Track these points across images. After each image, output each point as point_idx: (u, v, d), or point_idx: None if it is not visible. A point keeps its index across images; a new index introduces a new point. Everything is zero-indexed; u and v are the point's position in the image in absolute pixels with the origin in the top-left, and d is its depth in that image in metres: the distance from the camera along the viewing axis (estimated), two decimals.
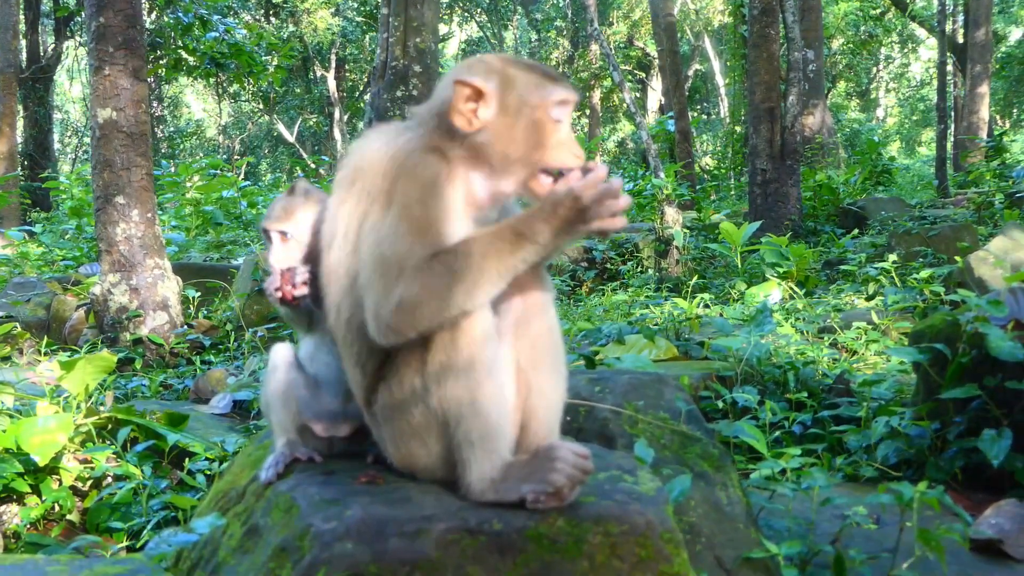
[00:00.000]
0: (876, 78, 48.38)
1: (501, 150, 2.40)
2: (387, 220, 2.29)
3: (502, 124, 2.40)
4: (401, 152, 2.35)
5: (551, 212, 2.22)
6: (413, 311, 2.22)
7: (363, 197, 2.37)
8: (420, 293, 2.20)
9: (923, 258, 10.34)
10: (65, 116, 45.75)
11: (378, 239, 2.29)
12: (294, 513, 2.34)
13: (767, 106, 14.55)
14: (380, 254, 2.27)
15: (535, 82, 2.43)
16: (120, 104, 8.59)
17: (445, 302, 2.21)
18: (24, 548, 4.16)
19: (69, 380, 5.01)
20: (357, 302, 2.39)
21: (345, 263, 2.41)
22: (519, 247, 2.22)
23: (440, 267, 2.20)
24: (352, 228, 2.40)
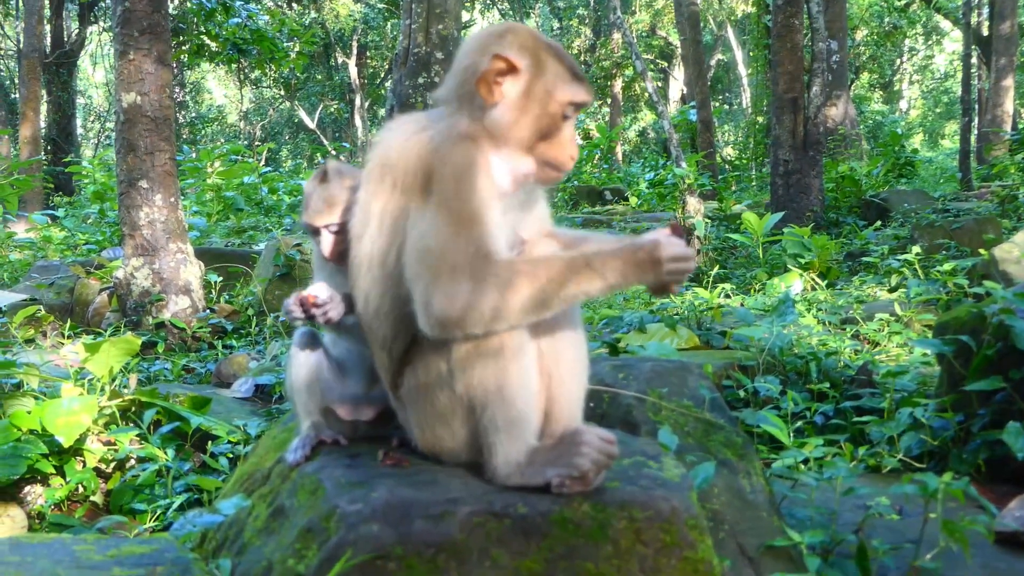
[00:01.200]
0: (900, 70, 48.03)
1: (512, 129, 2.41)
2: (428, 214, 2.29)
3: (520, 105, 2.41)
4: (431, 144, 2.35)
5: (630, 257, 2.28)
6: (469, 316, 2.23)
7: (395, 192, 2.37)
8: (479, 301, 2.22)
9: (946, 251, 10.28)
10: (88, 101, 45.97)
11: (421, 234, 2.29)
12: (320, 495, 2.35)
13: (790, 96, 14.47)
14: (427, 249, 2.27)
15: (562, 76, 2.44)
16: (144, 89, 8.61)
17: (501, 316, 2.24)
18: (48, 528, 4.19)
19: (93, 362, 5.04)
20: (385, 291, 2.42)
21: (378, 256, 2.42)
22: (587, 281, 2.27)
23: (501, 280, 2.22)
24: (386, 223, 2.39)
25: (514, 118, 2.40)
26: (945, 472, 2.93)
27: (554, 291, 2.24)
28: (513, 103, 2.40)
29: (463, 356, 2.30)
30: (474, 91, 2.41)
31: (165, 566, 2.46)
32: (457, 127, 2.40)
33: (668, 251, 2.28)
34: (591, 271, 2.26)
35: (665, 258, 2.27)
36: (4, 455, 4.27)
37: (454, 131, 2.38)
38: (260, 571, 2.35)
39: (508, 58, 2.38)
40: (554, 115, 2.42)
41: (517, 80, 2.40)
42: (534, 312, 2.26)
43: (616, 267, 2.27)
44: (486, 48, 2.42)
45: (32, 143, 23.53)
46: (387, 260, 2.40)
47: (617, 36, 36.35)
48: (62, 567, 2.40)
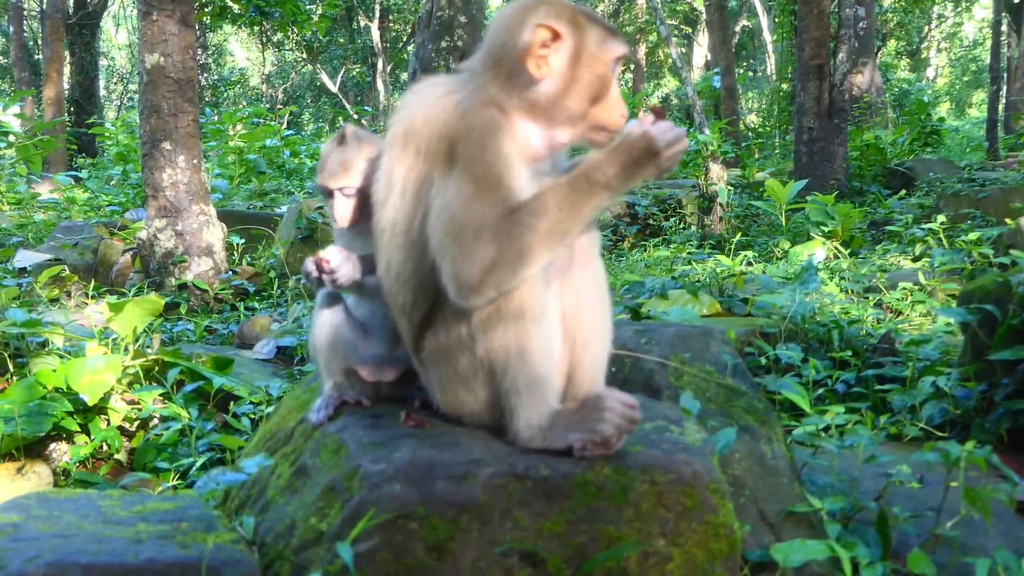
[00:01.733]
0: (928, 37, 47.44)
1: (563, 101, 2.38)
2: (452, 182, 2.28)
3: (569, 75, 2.37)
4: (457, 110, 2.32)
5: (624, 155, 2.24)
6: (497, 272, 2.22)
7: (419, 158, 2.36)
8: (503, 254, 2.21)
9: (971, 220, 10.19)
10: (111, 63, 45.97)
11: (446, 202, 2.28)
12: (343, 454, 2.36)
13: (816, 63, 14.34)
14: (451, 217, 2.26)
15: (600, 35, 2.41)
16: (168, 50, 8.61)
17: (527, 259, 2.23)
18: (74, 485, 4.24)
19: (117, 322, 5.07)
20: (408, 258, 2.41)
21: (402, 222, 2.40)
22: (593, 194, 2.24)
23: (518, 226, 2.21)
24: (409, 189, 2.38)
25: (565, 88, 2.37)
26: (967, 441, 2.91)
27: (567, 218, 2.23)
28: (561, 74, 2.37)
29: (483, 319, 2.29)
30: (517, 68, 2.36)
31: (189, 522, 2.48)
32: (485, 93, 2.37)
33: (661, 140, 2.24)
34: (593, 184, 2.24)
35: (661, 147, 2.23)
36: (30, 412, 4.31)
37: (481, 97, 2.35)
38: (283, 529, 2.37)
39: (551, 26, 2.34)
40: (603, 77, 2.40)
41: (561, 49, 2.36)
42: (553, 247, 2.26)
43: (617, 174, 2.24)
44: (523, 21, 2.37)
45: (55, 104, 23.59)
46: (411, 227, 2.39)
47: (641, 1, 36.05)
48: (88, 521, 2.43)
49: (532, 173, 2.36)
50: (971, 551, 2.83)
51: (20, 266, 9.59)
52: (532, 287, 2.29)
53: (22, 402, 4.35)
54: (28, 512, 2.49)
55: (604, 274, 2.54)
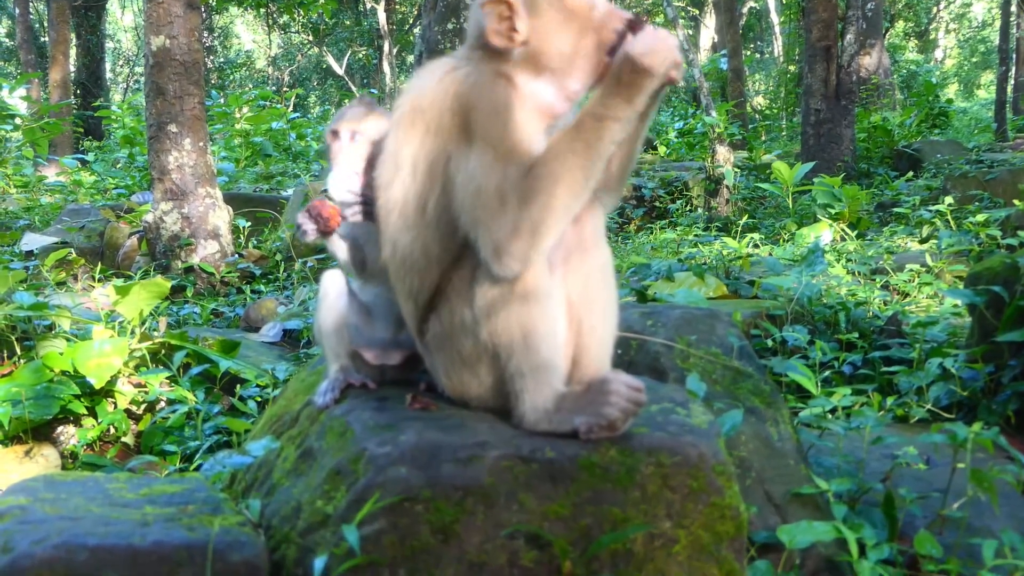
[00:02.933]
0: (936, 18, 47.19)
1: (552, 53, 2.38)
2: (473, 155, 2.27)
3: (542, 27, 2.37)
4: (463, 84, 2.32)
5: (616, 83, 2.21)
6: (533, 232, 2.21)
7: (429, 135, 2.35)
8: (529, 212, 2.20)
9: (979, 202, 10.16)
10: (117, 45, 45.89)
11: (470, 175, 2.27)
12: (348, 437, 2.36)
13: (823, 45, 14.26)
14: (477, 188, 2.25)
15: None
16: (173, 32, 8.59)
17: (556, 211, 2.21)
18: (81, 467, 4.26)
19: (124, 305, 5.08)
20: (417, 238, 2.40)
21: (412, 202, 2.39)
22: (602, 129, 2.21)
23: (537, 179, 2.20)
24: (420, 167, 2.37)
25: (543, 41, 2.37)
26: (974, 423, 2.91)
27: (583, 159, 2.21)
28: (535, 32, 2.37)
29: (487, 303, 2.29)
30: (491, 45, 2.38)
31: (196, 505, 2.49)
32: (487, 65, 2.37)
33: (651, 57, 2.19)
34: (599, 120, 2.21)
35: (645, 62, 2.19)
36: (37, 395, 4.33)
37: (486, 69, 2.36)
38: (289, 511, 2.37)
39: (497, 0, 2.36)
40: (573, 9, 2.38)
41: (520, 12, 2.36)
42: (578, 192, 2.23)
43: (614, 103, 2.21)
44: (477, 4, 2.41)
45: (62, 87, 23.57)
46: (423, 206, 2.38)
47: None
48: (95, 504, 2.44)
49: (553, 130, 2.35)
50: (978, 532, 2.83)
51: (27, 249, 9.62)
52: (537, 269, 2.28)
53: (29, 385, 4.36)
54: (35, 495, 2.49)
55: (610, 259, 2.53)
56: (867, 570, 2.53)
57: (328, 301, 2.77)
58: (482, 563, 2.14)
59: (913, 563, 2.66)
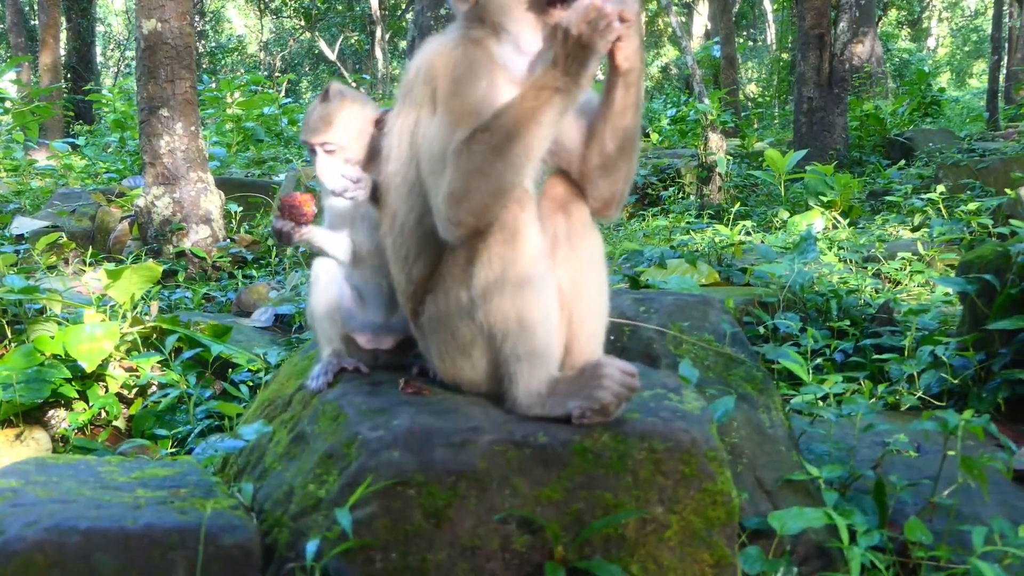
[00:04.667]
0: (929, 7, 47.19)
1: (498, 6, 2.40)
2: (434, 121, 2.33)
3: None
4: (437, 54, 2.39)
5: (558, 51, 2.17)
6: (465, 197, 2.22)
7: (413, 106, 2.41)
8: (466, 177, 2.20)
9: (971, 190, 10.17)
10: (108, 29, 45.65)
11: (428, 141, 2.33)
12: (341, 421, 2.36)
13: (817, 32, 14.26)
14: (430, 153, 2.31)
15: None
16: (165, 15, 8.54)
17: (492, 179, 2.20)
18: (72, 451, 4.24)
19: (115, 289, 5.07)
20: (411, 207, 2.44)
21: (401, 172, 2.45)
22: (544, 100, 2.17)
23: (477, 145, 2.20)
24: (404, 139, 2.44)
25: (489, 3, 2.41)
26: (965, 411, 2.92)
27: (524, 129, 2.17)
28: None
29: (484, 285, 2.29)
30: (458, 9, 2.45)
31: (188, 488, 2.49)
32: (460, 32, 2.43)
33: (576, 24, 2.12)
34: (540, 90, 2.17)
35: (580, 31, 2.12)
36: (28, 379, 4.32)
37: (456, 36, 2.42)
38: (281, 495, 2.37)
39: None
40: None
41: None
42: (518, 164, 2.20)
43: (554, 73, 2.17)
44: None
45: (52, 70, 23.43)
46: (407, 175, 2.44)
47: None
48: (87, 487, 2.44)
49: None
50: (968, 519, 2.85)
51: (17, 233, 9.57)
52: (533, 253, 2.29)
53: (20, 369, 4.35)
54: (27, 478, 2.49)
55: (601, 246, 2.53)
56: (857, 556, 2.53)
57: (320, 285, 2.77)
58: (474, 547, 2.15)
59: (903, 550, 2.67)
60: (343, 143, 2.70)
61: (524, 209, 2.27)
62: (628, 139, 2.44)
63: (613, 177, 2.47)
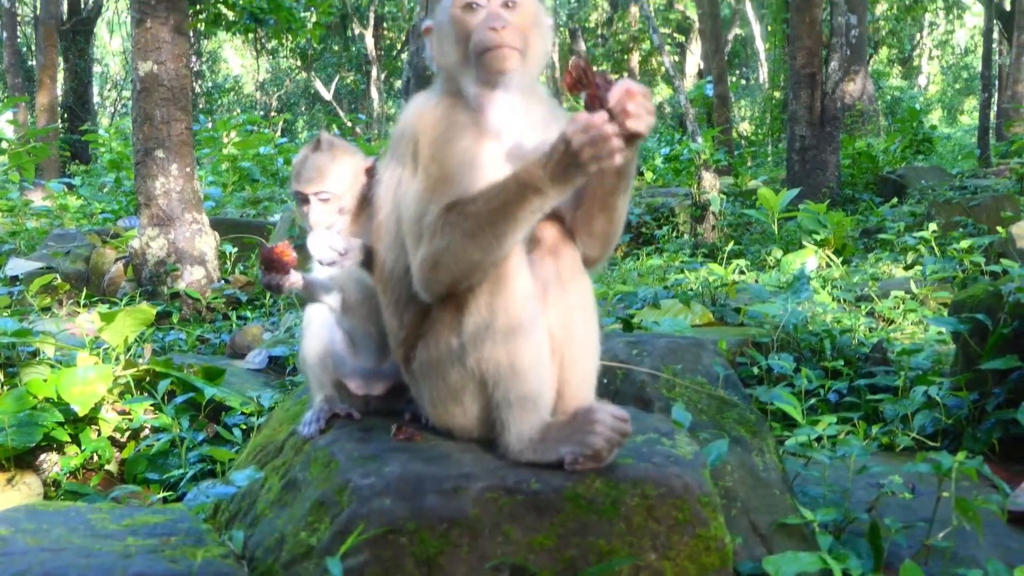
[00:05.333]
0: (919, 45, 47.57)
1: (447, 60, 2.48)
2: (413, 181, 2.38)
3: (439, 40, 2.51)
4: (419, 112, 2.45)
5: (548, 158, 2.18)
6: (435, 268, 2.27)
7: (398, 162, 2.47)
8: (438, 251, 2.25)
9: (963, 228, 10.21)
10: (105, 69, 45.86)
11: (407, 202, 2.38)
12: (333, 468, 2.36)
13: (808, 71, 14.36)
14: (408, 215, 2.37)
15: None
16: (161, 58, 8.59)
17: (460, 257, 2.24)
18: (64, 496, 4.22)
19: (109, 332, 5.06)
20: (398, 257, 2.48)
21: (387, 223, 2.51)
22: (523, 196, 2.20)
23: (450, 226, 2.24)
24: (390, 192, 2.50)
25: (441, 54, 2.50)
26: (959, 451, 2.92)
27: (498, 220, 2.21)
28: (437, 46, 2.52)
29: (474, 331, 2.30)
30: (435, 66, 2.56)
31: (179, 536, 2.47)
32: (440, 91, 2.50)
33: (578, 137, 2.12)
34: (522, 187, 2.20)
35: (577, 146, 2.12)
36: (20, 423, 4.29)
37: (436, 95, 2.49)
38: (272, 543, 2.36)
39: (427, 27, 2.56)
40: (454, 19, 2.45)
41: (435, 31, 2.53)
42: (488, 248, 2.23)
43: (540, 175, 2.17)
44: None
45: (49, 111, 23.55)
46: (392, 227, 2.50)
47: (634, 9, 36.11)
48: (77, 535, 2.42)
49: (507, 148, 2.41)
50: (963, 562, 2.83)
51: (12, 274, 9.56)
52: (523, 298, 2.30)
53: (12, 412, 4.32)
54: (17, 525, 2.47)
55: (591, 290, 2.53)
56: None
57: (312, 331, 2.78)
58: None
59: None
60: (337, 192, 2.74)
61: (513, 255, 2.28)
62: (617, 215, 2.48)
63: (600, 241, 2.52)
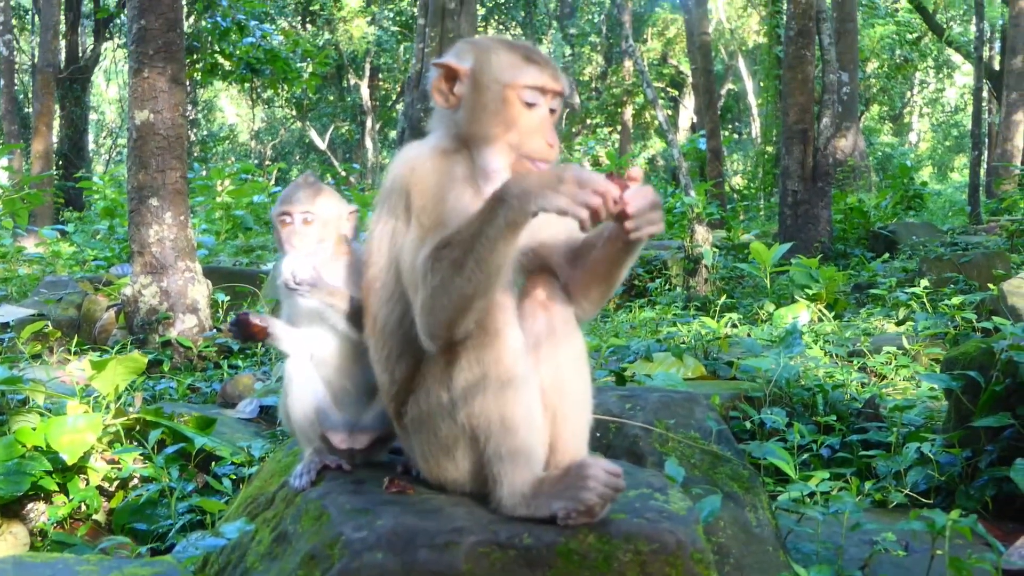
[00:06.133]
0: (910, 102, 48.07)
1: (473, 126, 2.45)
2: (409, 234, 2.37)
3: (473, 100, 2.45)
4: (412, 163, 2.44)
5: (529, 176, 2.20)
6: (432, 310, 2.25)
7: (390, 215, 2.46)
8: (431, 291, 2.23)
9: (954, 284, 10.25)
10: (101, 117, 46.11)
11: (405, 253, 2.37)
12: (324, 521, 2.34)
13: (800, 127, 14.49)
14: (407, 265, 2.35)
15: (511, 62, 2.45)
16: (158, 107, 8.63)
17: (452, 294, 2.21)
18: (51, 546, 4.18)
19: (99, 380, 5.04)
20: (391, 311, 2.47)
21: (381, 277, 2.49)
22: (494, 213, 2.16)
23: (439, 262, 2.22)
24: (384, 245, 2.48)
25: (471, 115, 2.45)
26: (952, 508, 2.92)
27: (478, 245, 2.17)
28: (466, 100, 2.46)
29: (465, 386, 2.30)
30: (438, 105, 2.51)
31: None
32: (435, 142, 2.49)
33: (574, 171, 2.12)
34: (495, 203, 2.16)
35: (569, 177, 2.11)
36: (8, 471, 4.26)
37: (430, 147, 2.48)
38: None
39: (447, 64, 2.47)
40: (508, 101, 2.42)
41: (464, 79, 2.46)
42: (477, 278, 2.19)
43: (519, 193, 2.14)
44: (431, 63, 2.54)
45: (44, 158, 23.62)
46: (387, 281, 2.47)
47: (629, 64, 36.47)
48: None
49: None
50: None
51: (3, 321, 9.52)
52: (514, 353, 2.30)
53: (1, 461, 4.30)
54: None
55: (583, 345, 2.53)
56: None
57: (296, 385, 2.77)
58: None
59: None
60: (322, 217, 2.76)
61: (503, 309, 2.29)
62: (615, 283, 2.51)
63: (594, 305, 2.54)
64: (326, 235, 2.79)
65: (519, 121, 2.42)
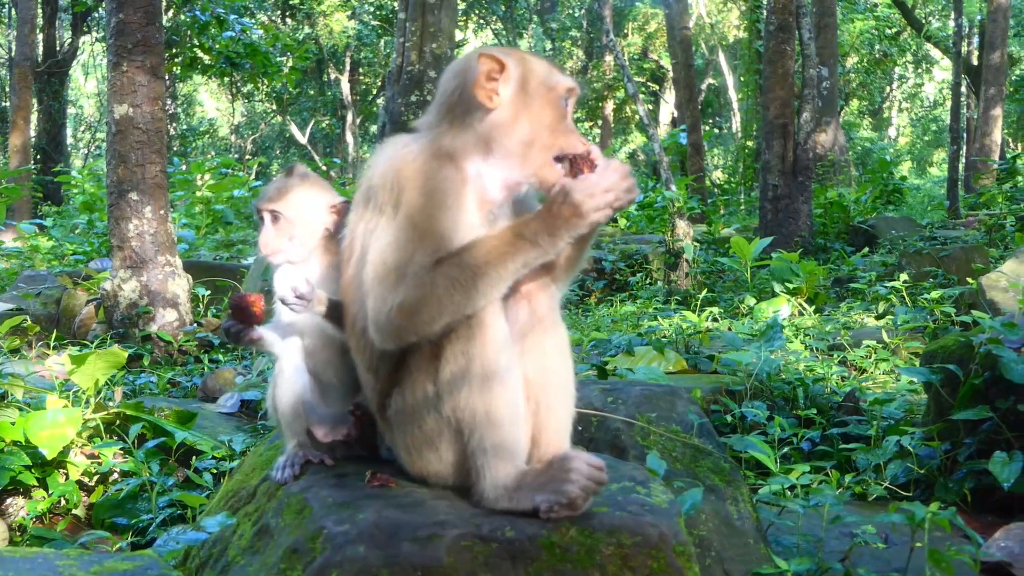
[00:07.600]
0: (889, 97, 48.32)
1: (516, 131, 2.42)
2: (391, 228, 2.33)
3: (520, 103, 2.43)
4: (406, 161, 2.38)
5: (547, 212, 2.25)
6: (413, 314, 2.25)
7: (375, 212, 2.40)
8: (421, 297, 2.23)
9: (933, 278, 10.30)
10: (79, 111, 45.80)
11: (381, 247, 2.33)
12: (306, 515, 2.34)
13: (780, 122, 14.53)
14: (383, 260, 2.31)
15: (548, 69, 2.49)
16: (137, 101, 8.59)
17: (447, 308, 2.24)
18: (30, 541, 4.15)
19: (79, 375, 5.01)
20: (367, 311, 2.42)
21: (360, 277, 2.44)
22: (519, 250, 2.24)
23: (443, 277, 2.23)
24: (363, 243, 2.44)
25: (516, 115, 2.43)
26: (931, 501, 2.93)
27: (492, 273, 2.24)
28: (511, 101, 2.43)
29: (450, 379, 2.30)
30: (470, 101, 2.43)
31: None
32: (437, 143, 2.43)
33: (579, 193, 2.24)
34: (519, 239, 2.24)
35: (580, 201, 2.23)
36: None
37: (432, 147, 2.41)
38: None
39: (496, 56, 2.42)
40: (554, 104, 2.45)
41: (508, 79, 2.43)
42: (477, 300, 2.25)
43: (541, 231, 2.24)
44: (470, 59, 2.48)
45: (22, 152, 23.44)
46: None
47: (609, 58, 36.47)
48: None
49: (488, 218, 2.40)
50: None
51: None
52: (498, 346, 2.30)
53: None
54: None
55: (566, 337, 2.54)
56: None
57: (285, 378, 2.75)
58: None
59: None
60: (290, 216, 2.72)
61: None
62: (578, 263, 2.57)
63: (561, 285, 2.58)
64: (298, 232, 2.75)
65: (560, 123, 2.45)
